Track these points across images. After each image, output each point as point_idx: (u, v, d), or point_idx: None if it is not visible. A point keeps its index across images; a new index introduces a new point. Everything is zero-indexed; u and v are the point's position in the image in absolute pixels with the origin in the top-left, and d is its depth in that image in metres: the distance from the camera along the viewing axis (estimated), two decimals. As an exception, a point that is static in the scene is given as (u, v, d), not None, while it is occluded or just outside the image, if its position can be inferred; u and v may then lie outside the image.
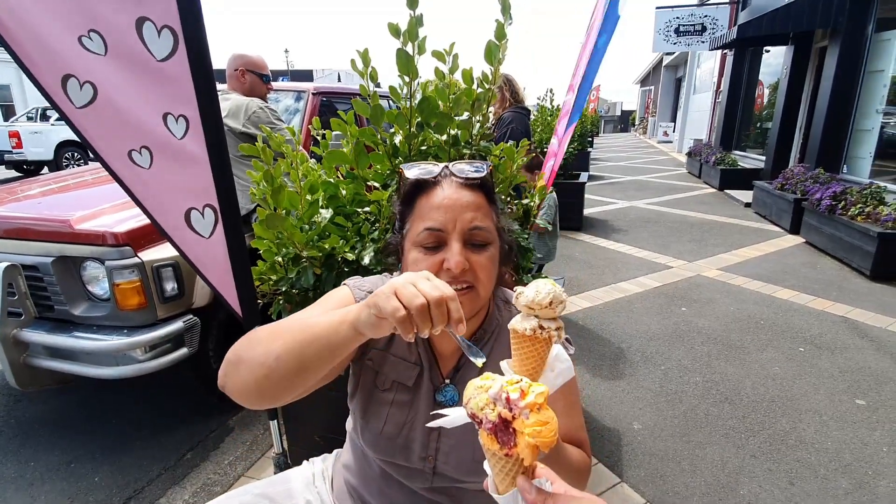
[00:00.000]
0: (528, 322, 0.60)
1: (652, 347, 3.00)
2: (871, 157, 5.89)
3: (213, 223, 1.31)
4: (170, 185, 1.28)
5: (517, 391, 0.51)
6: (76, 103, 1.15)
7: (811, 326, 3.26)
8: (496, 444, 0.51)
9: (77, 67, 1.13)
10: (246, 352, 0.70)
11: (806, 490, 1.86)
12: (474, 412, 0.52)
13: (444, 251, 0.76)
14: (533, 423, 0.50)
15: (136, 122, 1.21)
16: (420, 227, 0.78)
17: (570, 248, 5.23)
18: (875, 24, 5.88)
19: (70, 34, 1.11)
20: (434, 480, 0.85)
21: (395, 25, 1.31)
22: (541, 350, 0.61)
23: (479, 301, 0.79)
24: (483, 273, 0.77)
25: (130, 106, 1.19)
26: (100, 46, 1.14)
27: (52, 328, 2.00)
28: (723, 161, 8.90)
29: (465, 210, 0.76)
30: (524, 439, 0.50)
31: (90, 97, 1.15)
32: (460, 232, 0.76)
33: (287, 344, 0.66)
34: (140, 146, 1.23)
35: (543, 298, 0.59)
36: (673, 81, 23.08)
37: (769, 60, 9.84)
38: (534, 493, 0.52)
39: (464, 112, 1.50)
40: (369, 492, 0.91)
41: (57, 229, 1.96)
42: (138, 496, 1.90)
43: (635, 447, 2.12)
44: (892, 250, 4.03)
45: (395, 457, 0.85)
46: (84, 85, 1.14)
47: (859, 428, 2.23)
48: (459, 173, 0.79)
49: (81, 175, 3.03)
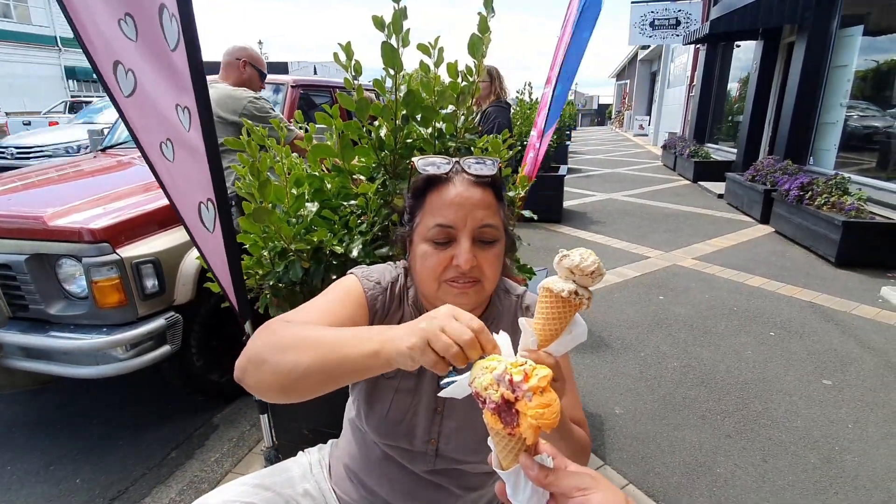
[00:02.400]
0: (567, 284, 0.60)
1: (631, 335, 3.08)
2: (835, 148, 6.13)
3: (214, 217, 1.28)
4: (187, 178, 1.24)
5: (521, 374, 0.52)
6: (124, 91, 1.09)
7: (781, 312, 3.40)
8: (500, 423, 0.52)
9: (121, 54, 1.07)
10: (272, 355, 0.69)
11: (777, 466, 1.96)
12: (478, 391, 0.53)
13: (453, 247, 0.78)
14: (535, 406, 0.51)
15: (162, 113, 1.16)
16: (431, 222, 0.80)
17: (551, 240, 5.30)
18: (839, 21, 6.10)
19: (112, 17, 1.05)
20: (436, 462, 0.88)
21: (379, 18, 1.31)
22: (568, 314, 0.61)
23: (484, 294, 0.82)
24: (490, 269, 0.80)
25: (156, 96, 1.15)
26: (132, 31, 1.09)
27: (27, 328, 1.94)
28: (696, 154, 9.12)
29: (475, 208, 0.78)
30: (527, 420, 0.51)
31: (133, 86, 1.10)
32: (471, 230, 0.78)
33: (317, 360, 0.65)
34: (166, 138, 1.18)
35: (589, 266, 0.59)
36: (648, 75, 23.47)
37: (740, 55, 10.11)
38: (536, 469, 0.53)
39: (448, 105, 1.52)
40: (370, 476, 0.93)
41: (30, 226, 1.89)
42: (122, 497, 1.87)
43: (617, 431, 2.19)
44: (855, 238, 4.22)
45: (399, 440, 0.87)
46: (128, 72, 1.09)
47: (826, 406, 2.35)
48: (471, 170, 0.81)
49: (46, 172, 2.93)
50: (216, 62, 2.72)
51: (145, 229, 2.02)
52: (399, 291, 0.91)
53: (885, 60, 5.53)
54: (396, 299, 0.90)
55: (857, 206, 4.32)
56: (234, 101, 2.47)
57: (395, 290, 0.91)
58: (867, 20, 5.81)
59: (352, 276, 0.90)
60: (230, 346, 2.26)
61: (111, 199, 2.13)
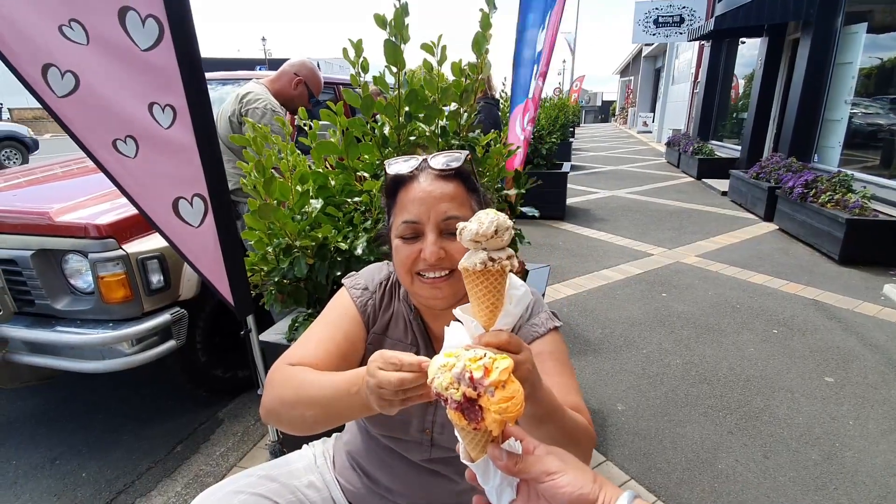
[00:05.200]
0: (477, 256, 0.57)
1: (634, 332, 3.09)
2: (840, 146, 6.10)
3: (203, 212, 1.30)
4: (156, 174, 1.27)
5: (480, 369, 0.51)
6: (57, 92, 1.13)
7: (784, 309, 3.40)
8: (464, 420, 0.52)
9: (58, 57, 1.11)
10: (284, 411, 0.80)
11: (779, 463, 1.97)
12: (439, 392, 0.52)
13: (421, 241, 0.81)
14: (498, 401, 0.50)
15: (120, 112, 1.20)
16: (399, 219, 0.83)
17: (554, 236, 5.30)
18: (844, 17, 6.06)
19: (50, 23, 1.09)
20: (432, 452, 0.90)
21: (381, 16, 1.32)
22: (496, 283, 0.58)
23: (460, 285, 0.80)
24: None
25: (114, 95, 1.18)
26: (81, 36, 1.13)
27: (33, 323, 1.96)
28: (700, 151, 9.09)
29: (439, 201, 0.80)
30: (491, 415, 0.50)
31: (72, 86, 1.14)
32: (434, 223, 0.80)
33: (320, 414, 0.76)
34: (125, 135, 1.21)
35: (488, 228, 0.56)
36: (652, 72, 23.36)
37: (744, 52, 10.05)
38: (504, 457, 0.53)
39: (451, 103, 1.52)
40: (371, 464, 0.96)
41: (36, 222, 1.91)
42: (128, 490, 1.89)
43: (619, 427, 2.19)
44: (858, 236, 4.20)
45: (395, 431, 0.90)
46: (65, 74, 1.13)
47: (828, 403, 2.35)
48: (435, 165, 0.82)
49: (51, 168, 2.94)
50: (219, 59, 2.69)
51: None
52: (390, 288, 0.96)
53: (890, 58, 5.49)
54: (387, 296, 0.95)
55: (861, 204, 4.30)
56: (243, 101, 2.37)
57: (386, 288, 0.96)
58: (871, 17, 5.77)
59: (342, 290, 0.95)
60: (234, 341, 2.27)
61: (116, 195, 2.13)
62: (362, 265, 1.46)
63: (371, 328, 0.93)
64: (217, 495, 0.89)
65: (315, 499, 0.97)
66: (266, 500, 0.90)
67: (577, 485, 0.51)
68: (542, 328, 0.90)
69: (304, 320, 1.57)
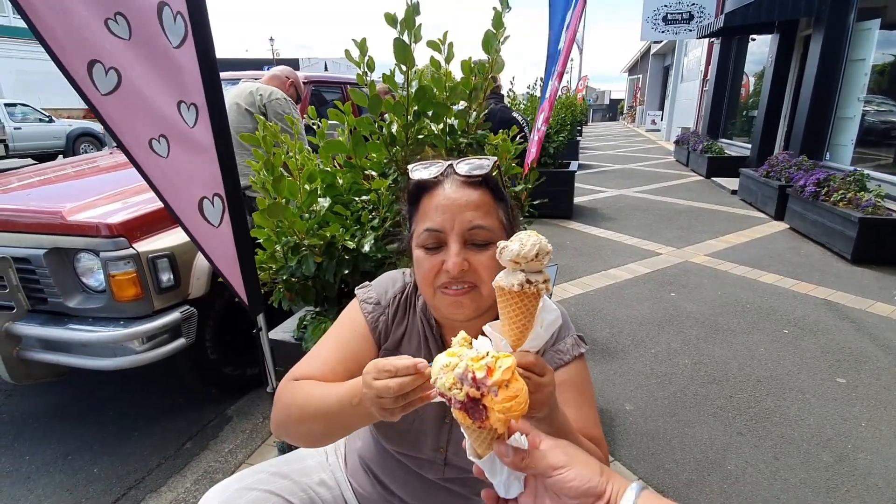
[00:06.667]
0: (515, 277, 0.57)
1: (642, 331, 3.07)
2: (852, 144, 6.02)
3: (222, 212, 1.30)
4: (184, 173, 1.25)
5: (483, 369, 0.50)
6: (101, 90, 1.10)
7: (794, 309, 3.36)
8: (469, 419, 0.52)
9: (103, 53, 1.08)
10: (293, 426, 0.82)
11: (790, 464, 1.95)
12: (442, 392, 0.52)
13: (444, 252, 0.76)
14: (502, 400, 0.50)
15: (155, 110, 1.18)
16: (422, 227, 0.78)
17: (562, 235, 5.28)
18: (856, 14, 5.97)
19: (97, 17, 1.06)
20: (446, 471, 0.88)
21: (391, 15, 1.32)
22: (529, 306, 0.58)
23: (483, 300, 0.77)
24: (486, 272, 0.75)
25: (151, 93, 1.16)
26: (125, 30, 1.10)
27: (46, 321, 1.99)
28: (710, 149, 9.01)
29: (464, 210, 0.76)
30: (495, 414, 0.50)
31: (115, 84, 1.11)
32: (459, 233, 0.75)
33: (326, 428, 0.78)
34: (159, 134, 1.19)
35: (529, 251, 0.56)
36: (661, 70, 23.18)
37: (755, 49, 9.94)
38: (510, 454, 0.53)
39: (460, 101, 1.52)
40: (384, 473, 0.95)
41: (49, 221, 1.93)
42: (139, 486, 1.92)
43: (627, 427, 2.18)
44: (871, 235, 4.14)
45: (407, 448, 0.88)
46: (109, 71, 1.10)
47: (840, 405, 2.32)
48: (460, 171, 0.78)
49: (63, 168, 2.98)
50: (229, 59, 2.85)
51: (160, 224, 2.05)
52: (404, 301, 0.91)
53: (905, 54, 5.41)
54: (401, 310, 0.91)
55: (875, 203, 4.24)
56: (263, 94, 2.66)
57: (401, 302, 0.91)
58: (885, 13, 5.68)
59: (354, 303, 0.92)
60: (243, 339, 2.29)
61: (127, 195, 2.16)
62: (370, 263, 1.46)
63: (382, 345, 0.90)
64: (228, 491, 0.87)
65: (326, 497, 0.97)
66: (277, 498, 0.89)
67: (585, 478, 0.51)
68: (568, 355, 0.87)
69: (313, 319, 1.58)
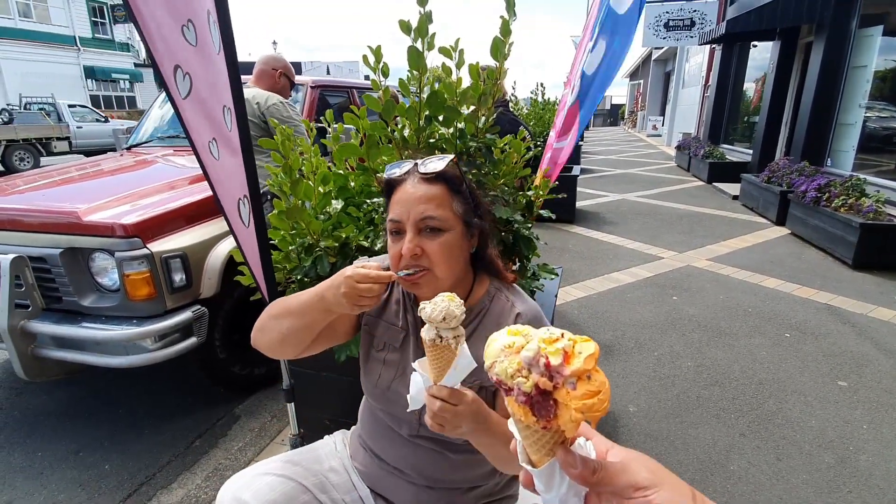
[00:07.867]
0: (430, 333, 0.68)
1: (645, 335, 3.10)
2: (853, 150, 6.05)
3: (249, 212, 1.34)
4: (230, 175, 1.29)
5: (559, 354, 0.41)
6: (181, 93, 1.14)
7: (796, 313, 3.39)
8: (531, 416, 0.41)
9: (181, 58, 1.12)
10: (266, 323, 0.98)
11: (792, 466, 1.97)
12: (502, 379, 0.42)
13: (403, 239, 0.88)
14: (581, 395, 0.39)
15: (213, 114, 1.22)
16: (388, 218, 0.91)
17: (564, 239, 5.32)
18: (858, 20, 6.02)
19: (176, 24, 1.10)
20: (420, 429, 0.97)
21: (406, 23, 1.36)
22: (443, 354, 0.69)
23: (438, 282, 0.88)
24: (437, 257, 0.87)
25: (208, 97, 1.20)
26: (193, 37, 1.14)
27: (60, 319, 2.03)
28: (711, 154, 9.04)
29: (418, 203, 0.87)
30: (569, 412, 0.40)
31: (188, 88, 1.15)
32: (413, 222, 0.87)
33: (290, 321, 0.93)
34: (213, 137, 1.23)
35: (437, 316, 0.66)
36: (662, 75, 23.26)
37: (756, 55, 9.99)
38: (580, 465, 0.41)
39: (470, 106, 1.56)
40: (375, 441, 1.04)
41: (65, 221, 1.97)
42: (150, 482, 1.95)
43: (631, 429, 2.21)
44: (872, 240, 4.17)
45: (388, 406, 0.99)
46: (185, 76, 1.14)
47: (841, 407, 2.35)
48: (420, 170, 0.90)
49: (77, 169, 3.02)
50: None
51: (173, 225, 2.10)
52: None
53: (906, 61, 5.45)
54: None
55: (876, 208, 4.27)
56: (260, 102, 2.57)
57: None
58: (887, 20, 5.72)
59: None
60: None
61: (141, 196, 2.21)
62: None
63: (367, 312, 1.02)
64: (244, 478, 0.98)
65: (336, 481, 1.05)
66: (291, 481, 0.98)
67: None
68: None
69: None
